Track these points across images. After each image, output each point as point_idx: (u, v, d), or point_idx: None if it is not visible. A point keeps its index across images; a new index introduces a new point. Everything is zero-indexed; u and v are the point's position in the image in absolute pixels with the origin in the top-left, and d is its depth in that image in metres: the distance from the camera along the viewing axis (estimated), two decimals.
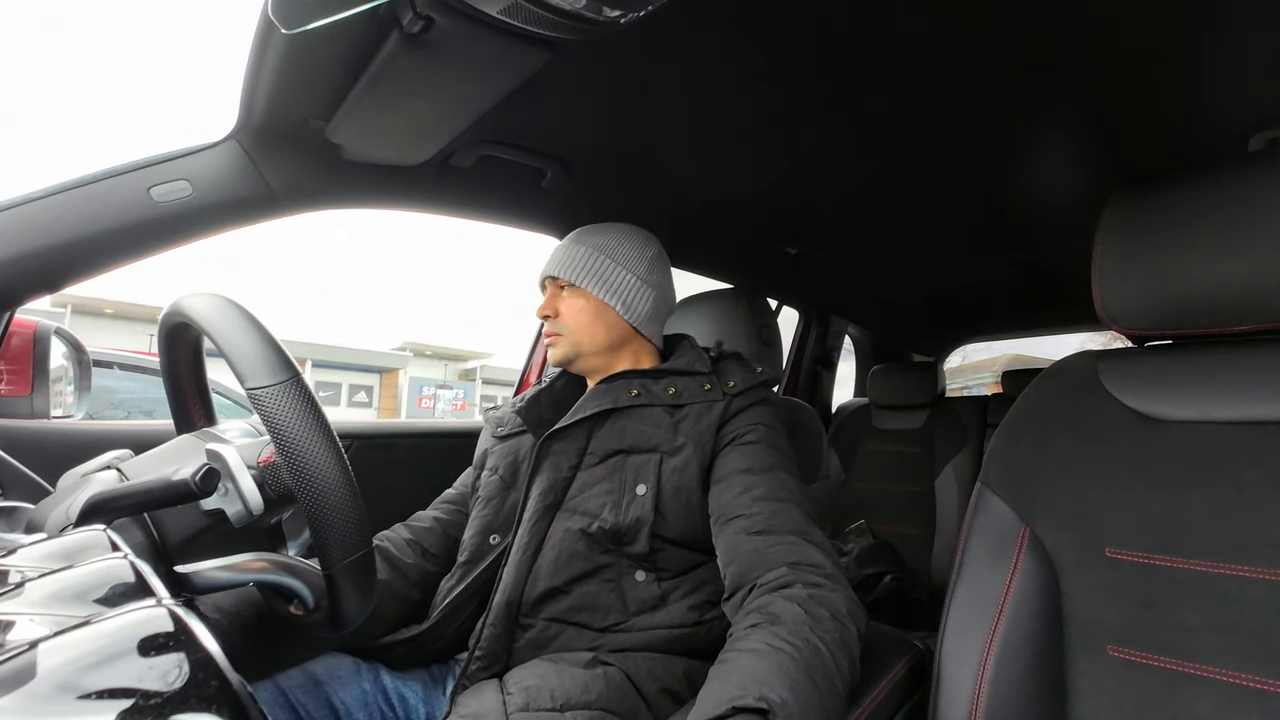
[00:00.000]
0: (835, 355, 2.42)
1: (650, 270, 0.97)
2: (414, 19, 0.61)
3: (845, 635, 0.63)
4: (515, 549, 0.83)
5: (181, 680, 0.23)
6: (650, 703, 0.73)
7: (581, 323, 0.93)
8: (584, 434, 0.87)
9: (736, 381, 0.89)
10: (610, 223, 1.00)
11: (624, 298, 0.94)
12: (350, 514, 0.52)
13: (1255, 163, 0.64)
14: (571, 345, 0.93)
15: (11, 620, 0.29)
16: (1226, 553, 0.59)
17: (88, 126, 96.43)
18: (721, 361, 0.95)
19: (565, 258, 0.95)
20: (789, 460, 0.85)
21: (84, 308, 14.47)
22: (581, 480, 0.85)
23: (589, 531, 0.80)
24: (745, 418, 0.86)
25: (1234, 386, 0.64)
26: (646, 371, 0.92)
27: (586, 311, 0.93)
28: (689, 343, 0.99)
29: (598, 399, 0.88)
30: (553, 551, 0.81)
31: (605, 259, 0.94)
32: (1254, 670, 0.56)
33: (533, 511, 0.84)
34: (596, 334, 0.93)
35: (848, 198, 1.24)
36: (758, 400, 0.89)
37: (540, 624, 0.79)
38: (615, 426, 0.87)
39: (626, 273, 0.94)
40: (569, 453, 0.86)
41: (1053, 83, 0.82)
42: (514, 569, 0.81)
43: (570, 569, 0.80)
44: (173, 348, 0.66)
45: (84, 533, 0.41)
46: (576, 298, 0.93)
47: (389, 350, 20.22)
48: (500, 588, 0.81)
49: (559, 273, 0.94)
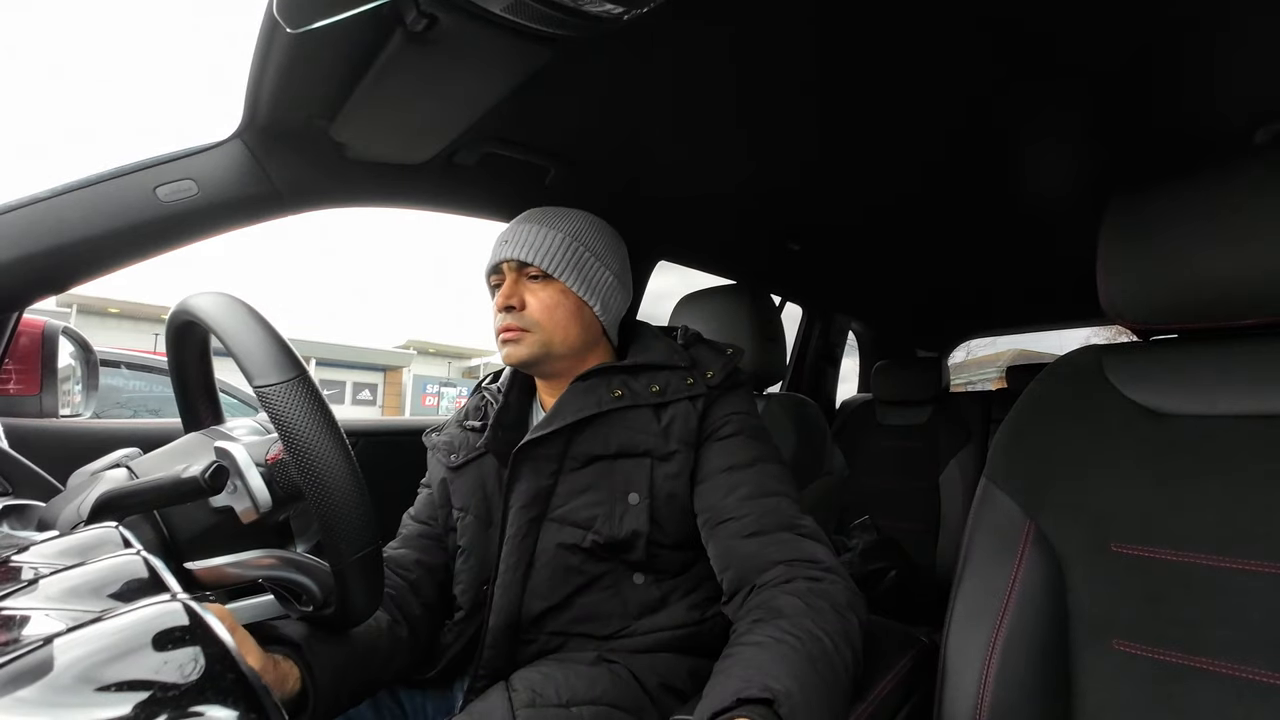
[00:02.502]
0: (839, 351, 2.42)
1: (622, 268, 0.88)
2: (417, 17, 0.61)
3: (847, 626, 0.63)
4: (503, 569, 0.77)
5: (198, 673, 0.24)
6: (655, 699, 0.73)
7: (556, 319, 0.81)
8: (562, 439, 0.79)
9: (714, 370, 0.82)
10: (573, 209, 0.87)
11: (603, 297, 0.84)
12: (358, 510, 0.52)
13: (1260, 155, 0.64)
14: (540, 344, 0.80)
15: (27, 615, 0.29)
16: (1233, 547, 0.59)
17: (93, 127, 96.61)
18: (693, 350, 0.86)
19: (537, 242, 0.81)
20: (768, 445, 0.81)
21: (89, 307, 14.53)
22: (565, 488, 0.79)
23: (583, 546, 0.76)
24: (720, 408, 0.81)
25: (1240, 380, 0.64)
26: (625, 367, 0.83)
27: (563, 307, 0.81)
28: (651, 330, 0.90)
29: (577, 402, 0.79)
30: (546, 570, 0.77)
31: (585, 251, 0.83)
32: (1260, 664, 0.56)
33: (517, 527, 0.78)
34: (571, 334, 0.82)
35: (851, 193, 1.23)
36: (730, 387, 0.83)
37: (543, 637, 0.77)
38: (599, 430, 0.79)
39: (604, 269, 0.84)
40: (548, 458, 0.79)
41: (1057, 76, 0.82)
42: (505, 590, 0.77)
43: (568, 584, 0.77)
44: (180, 346, 0.67)
45: (96, 530, 0.42)
46: (550, 291, 0.81)
47: (393, 348, 20.27)
48: (494, 610, 0.77)
49: (531, 258, 0.80)
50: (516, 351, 0.81)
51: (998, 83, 0.83)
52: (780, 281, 1.87)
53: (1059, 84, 0.84)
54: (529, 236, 0.81)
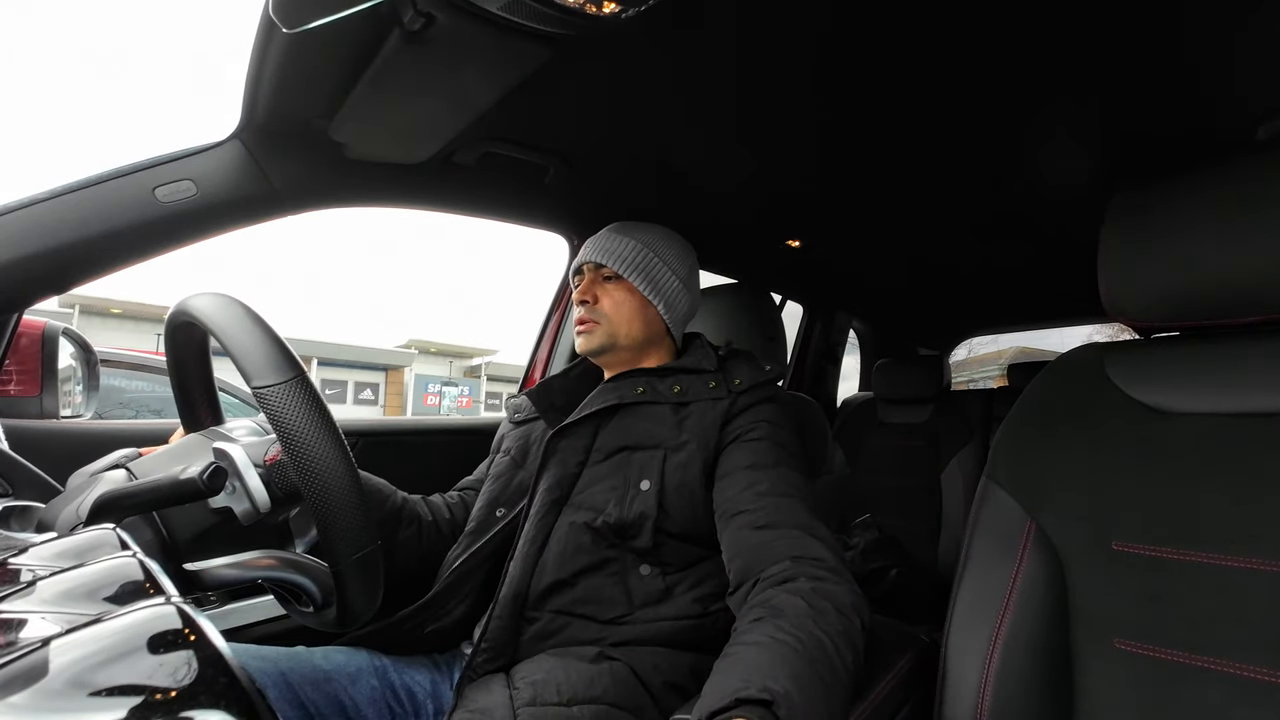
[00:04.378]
0: (840, 350, 2.41)
1: (690, 276, 1.00)
2: (415, 16, 0.61)
3: (848, 627, 0.63)
4: (522, 543, 0.84)
5: (191, 677, 0.24)
6: (656, 697, 0.73)
7: (623, 314, 0.94)
8: (590, 431, 0.88)
9: (743, 379, 0.90)
10: (653, 224, 1.02)
11: (667, 298, 0.96)
12: (356, 511, 0.52)
13: (1263, 152, 0.63)
14: (608, 335, 0.94)
15: (23, 618, 0.29)
16: (1234, 545, 0.59)
17: (92, 128, 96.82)
18: (729, 360, 0.95)
19: (613, 247, 0.95)
20: (795, 457, 0.85)
21: (91, 308, 14.57)
22: (588, 476, 0.86)
23: (594, 526, 0.81)
24: (750, 415, 0.86)
25: (1242, 378, 0.64)
26: (653, 370, 0.93)
27: (629, 304, 0.94)
28: (700, 341, 1.00)
29: (604, 396, 0.90)
30: (558, 545, 0.82)
31: (653, 257, 0.96)
32: (1262, 662, 0.56)
33: (539, 506, 0.85)
34: (635, 328, 0.94)
35: (851, 192, 1.23)
36: (764, 398, 0.89)
37: (546, 616, 0.80)
38: (621, 424, 0.88)
39: (671, 274, 0.97)
40: (576, 449, 0.88)
41: (1057, 74, 0.82)
42: (521, 562, 0.82)
43: (576, 562, 0.81)
44: (179, 347, 0.67)
45: (94, 531, 0.42)
46: (620, 289, 0.95)
47: (394, 348, 20.29)
48: (507, 580, 0.82)
49: (606, 261, 0.95)
50: (588, 340, 0.95)
51: (998, 81, 0.83)
52: (781, 280, 1.87)
53: (1060, 82, 0.83)
54: (607, 243, 0.96)
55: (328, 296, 42.87)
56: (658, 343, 0.98)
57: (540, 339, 1.64)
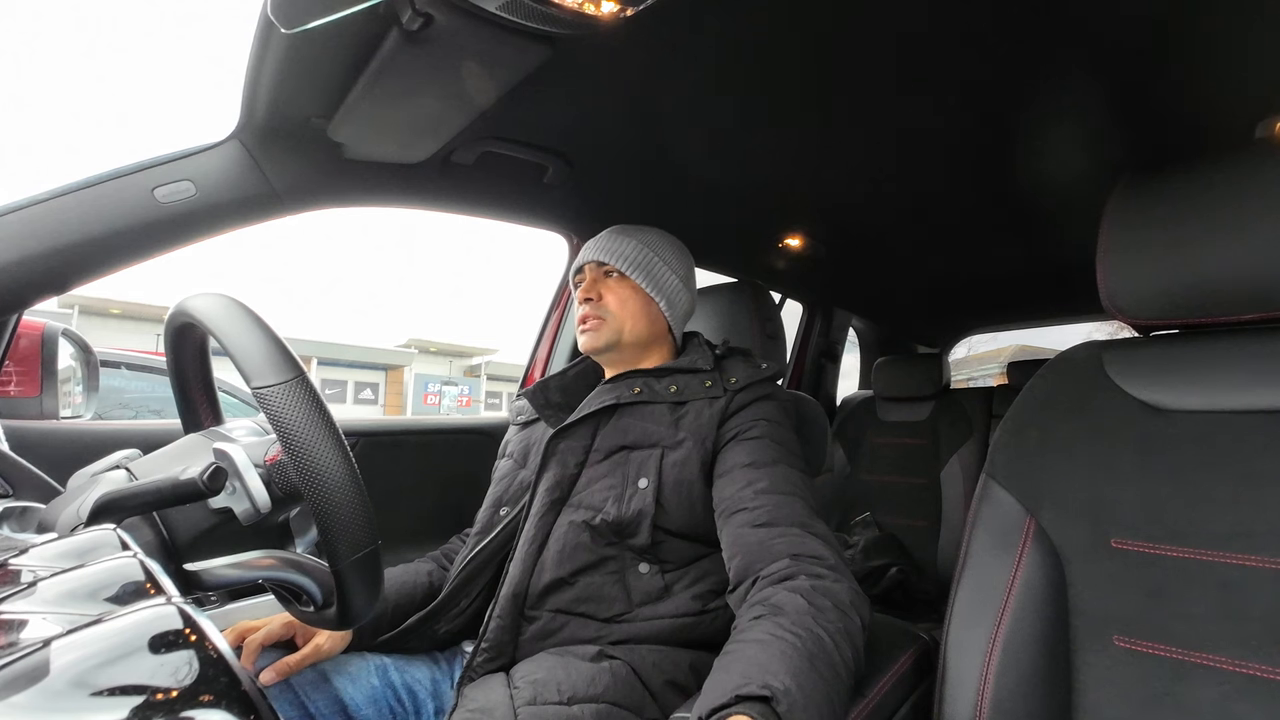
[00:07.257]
0: (839, 348, 2.41)
1: (688, 275, 1.02)
2: (413, 16, 0.61)
3: (848, 625, 0.63)
4: (522, 543, 0.85)
5: (192, 677, 0.24)
6: (656, 695, 0.73)
7: (628, 310, 0.95)
8: (589, 431, 0.89)
9: (739, 377, 0.90)
10: (648, 227, 1.03)
11: (668, 295, 0.98)
12: (356, 511, 0.52)
13: (1261, 150, 0.63)
14: (613, 332, 0.95)
15: (25, 619, 0.29)
16: (1233, 542, 0.59)
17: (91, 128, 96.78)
18: (726, 359, 0.96)
19: (614, 247, 0.97)
20: (793, 454, 0.85)
21: (91, 308, 14.56)
22: (587, 477, 0.87)
23: (592, 524, 0.82)
24: (748, 413, 0.87)
25: (1241, 376, 0.64)
26: (650, 370, 0.94)
27: (633, 301, 0.95)
28: (698, 340, 1.01)
29: (602, 396, 0.91)
30: (558, 544, 0.83)
31: (654, 256, 0.97)
32: (1261, 659, 0.56)
33: (539, 506, 0.86)
34: (639, 324, 0.95)
35: (851, 190, 1.23)
36: (761, 395, 0.89)
37: (546, 615, 0.80)
38: (619, 424, 0.89)
39: (671, 273, 0.98)
40: (575, 450, 0.88)
41: (1057, 72, 0.82)
42: (520, 562, 0.83)
43: (575, 560, 0.81)
44: (179, 348, 0.66)
45: (94, 532, 0.42)
46: (624, 287, 0.96)
47: (394, 347, 20.29)
48: (507, 579, 0.83)
49: (609, 259, 0.96)
50: (593, 338, 0.95)
51: (998, 78, 0.83)
52: (780, 278, 1.87)
53: (1059, 79, 0.83)
54: (608, 243, 0.98)
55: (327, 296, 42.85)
56: (659, 340, 0.99)
57: (540, 338, 1.64)
